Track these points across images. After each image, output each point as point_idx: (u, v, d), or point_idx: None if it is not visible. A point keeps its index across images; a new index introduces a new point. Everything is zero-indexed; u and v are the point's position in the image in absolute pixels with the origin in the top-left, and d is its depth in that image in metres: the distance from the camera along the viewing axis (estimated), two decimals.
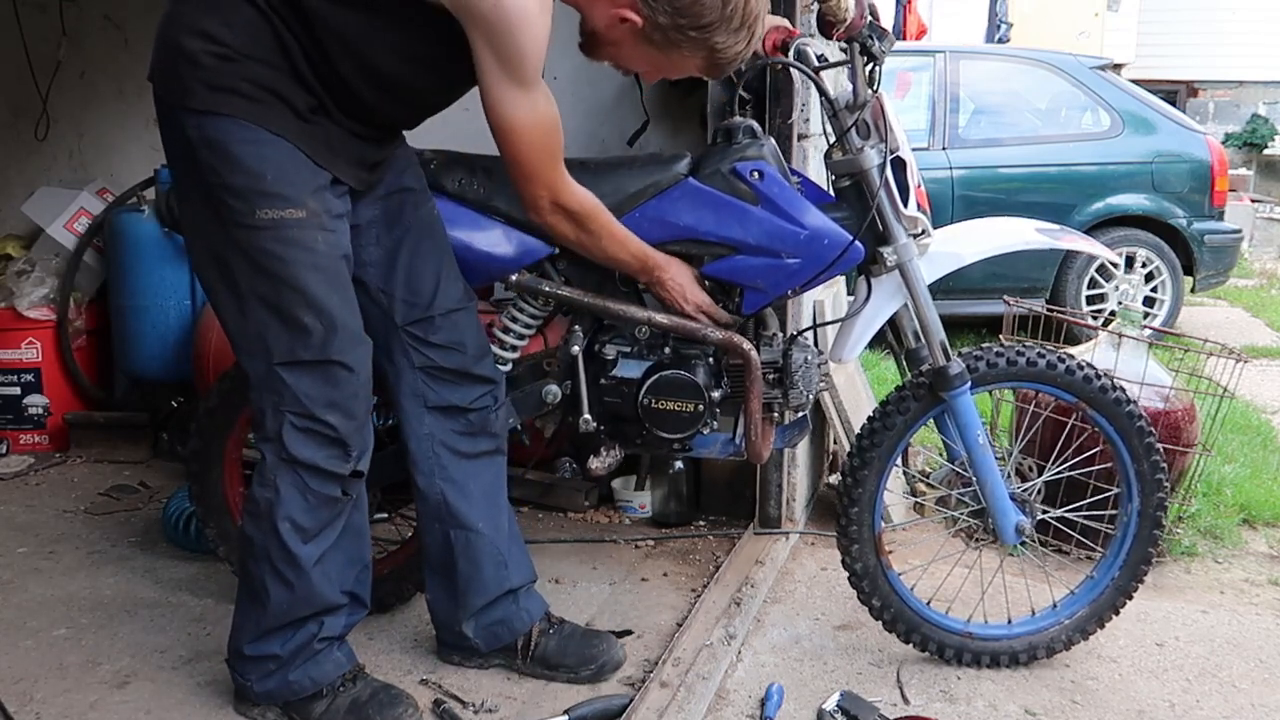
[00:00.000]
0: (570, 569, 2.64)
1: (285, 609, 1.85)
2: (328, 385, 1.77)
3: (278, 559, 1.82)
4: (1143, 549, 2.19)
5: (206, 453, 2.30)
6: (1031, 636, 2.21)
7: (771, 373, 2.14)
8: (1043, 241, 2.22)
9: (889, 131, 2.04)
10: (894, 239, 2.06)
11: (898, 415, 2.11)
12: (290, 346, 1.75)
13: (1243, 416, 4.11)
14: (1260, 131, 13.86)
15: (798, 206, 2.04)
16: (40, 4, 3.89)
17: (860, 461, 2.13)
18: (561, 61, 3.26)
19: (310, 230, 1.73)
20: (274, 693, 1.90)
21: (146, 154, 3.83)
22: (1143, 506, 2.17)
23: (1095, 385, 2.11)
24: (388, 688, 1.93)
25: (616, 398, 2.14)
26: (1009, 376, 2.13)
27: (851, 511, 2.13)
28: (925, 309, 2.08)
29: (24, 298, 3.52)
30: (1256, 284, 8.69)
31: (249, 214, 1.70)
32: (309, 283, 1.73)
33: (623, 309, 2.10)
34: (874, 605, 2.18)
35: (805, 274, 2.05)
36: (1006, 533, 2.13)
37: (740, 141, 2.07)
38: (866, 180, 2.04)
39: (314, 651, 1.88)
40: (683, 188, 2.05)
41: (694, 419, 2.10)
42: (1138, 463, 2.15)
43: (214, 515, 2.33)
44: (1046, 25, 10.89)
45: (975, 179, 5.84)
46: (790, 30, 2.07)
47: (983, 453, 2.09)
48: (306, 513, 1.81)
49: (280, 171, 1.70)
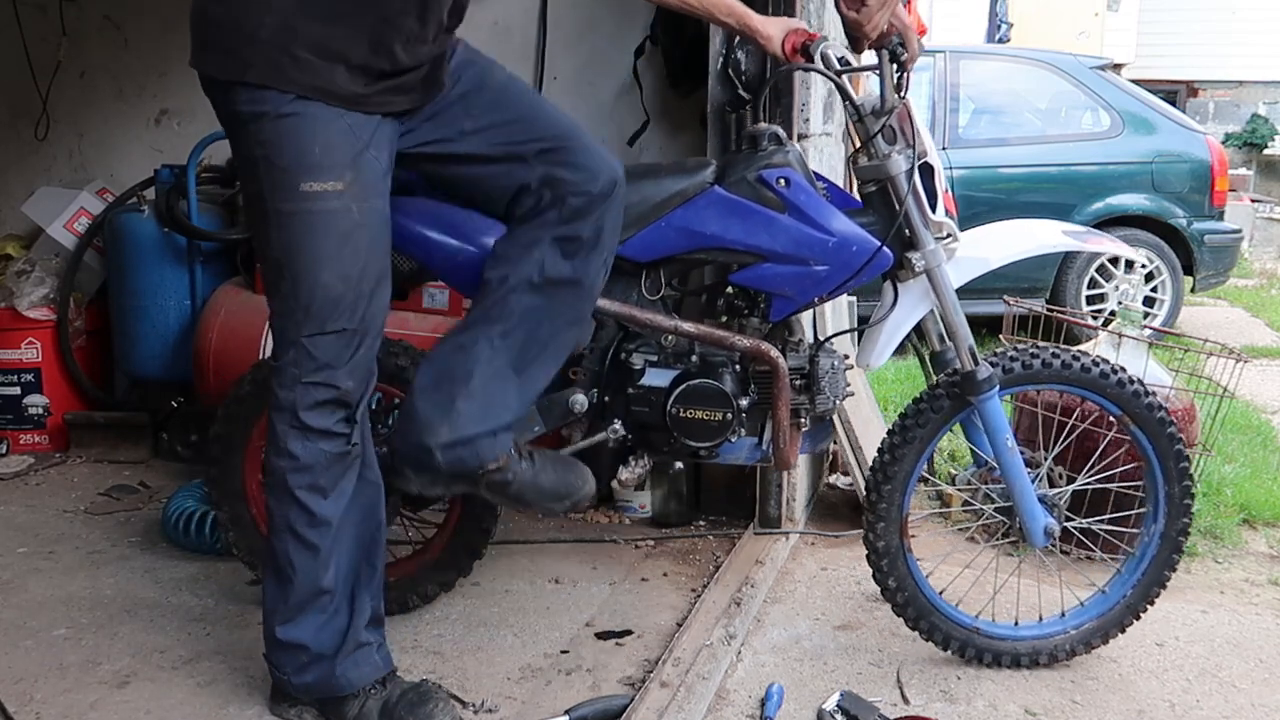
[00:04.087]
0: (570, 569, 2.64)
1: (310, 576, 1.85)
2: (350, 350, 1.81)
3: (298, 523, 1.84)
4: (1159, 571, 2.18)
5: (230, 438, 2.29)
6: (1036, 641, 2.20)
7: (798, 379, 2.13)
8: (1070, 244, 2.22)
9: (916, 137, 2.03)
10: (922, 245, 2.05)
11: (946, 400, 2.10)
12: (320, 317, 1.78)
13: (1243, 416, 4.10)
14: (1260, 131, 13.87)
15: (825, 213, 2.03)
16: (40, 4, 3.89)
17: (901, 439, 2.12)
18: (562, 61, 3.28)
19: (349, 201, 1.76)
20: (312, 686, 1.90)
21: (146, 154, 3.84)
22: (1166, 529, 2.16)
23: (1144, 402, 2.10)
24: (416, 686, 1.93)
25: (644, 406, 2.13)
26: (1046, 379, 2.11)
27: (884, 488, 2.13)
28: (953, 314, 2.07)
29: (24, 298, 3.52)
30: (1256, 284, 8.69)
31: (294, 187, 1.73)
32: (347, 255, 1.77)
33: (649, 317, 2.09)
34: (889, 586, 2.17)
35: (833, 281, 2.05)
36: (1035, 535, 2.12)
37: (765, 148, 2.06)
38: (894, 186, 2.03)
39: (353, 647, 1.89)
40: (709, 196, 2.05)
41: (722, 427, 2.10)
42: (1169, 485, 2.14)
43: (229, 500, 2.31)
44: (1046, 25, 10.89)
45: (975, 179, 5.84)
46: (810, 34, 2.04)
47: (1012, 456, 2.09)
48: (321, 472, 1.84)
49: (327, 143, 1.74)
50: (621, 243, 2.04)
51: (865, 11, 1.95)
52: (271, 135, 1.73)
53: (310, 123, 1.73)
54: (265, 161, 1.75)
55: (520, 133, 1.92)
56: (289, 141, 1.73)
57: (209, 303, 3.26)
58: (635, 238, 2.07)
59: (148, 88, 3.89)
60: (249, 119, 1.74)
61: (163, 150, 3.82)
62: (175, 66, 3.83)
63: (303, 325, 1.79)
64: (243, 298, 3.20)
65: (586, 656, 2.21)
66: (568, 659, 2.20)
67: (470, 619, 2.37)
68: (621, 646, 2.26)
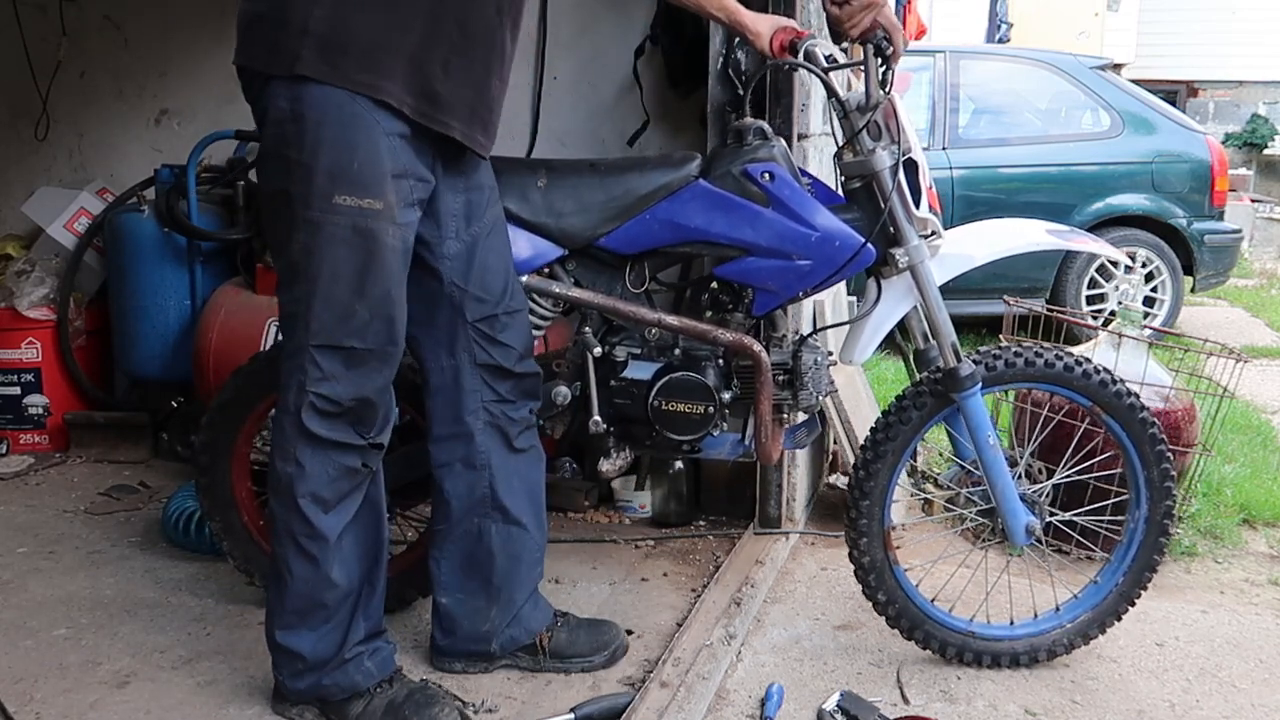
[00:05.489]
0: (570, 569, 2.64)
1: (309, 586, 1.85)
2: (359, 373, 1.79)
3: (299, 533, 1.83)
4: (1148, 556, 2.19)
5: (216, 446, 2.29)
6: (1033, 638, 2.21)
7: (781, 374, 2.13)
8: (1053, 243, 2.22)
9: (901, 133, 2.04)
10: (905, 241, 2.05)
11: (914, 411, 2.11)
12: (332, 330, 1.76)
13: (1243, 416, 4.11)
14: (1260, 131, 13.86)
15: (809, 208, 2.03)
16: (40, 4, 3.89)
17: (874, 455, 2.12)
18: (562, 62, 3.27)
19: (384, 223, 1.74)
20: (305, 692, 1.91)
21: (146, 154, 3.84)
22: (1150, 514, 2.17)
23: (1111, 390, 2.11)
24: (424, 687, 1.93)
25: (626, 399, 2.14)
26: (1023, 378, 2.12)
27: (862, 505, 2.13)
28: (936, 311, 2.07)
29: (24, 298, 3.52)
30: (1256, 284, 8.69)
31: (328, 197, 1.70)
32: (371, 275, 1.75)
33: (633, 310, 2.10)
34: (879, 600, 2.17)
35: (817, 276, 2.05)
36: (1017, 533, 2.13)
37: (751, 143, 2.06)
38: (879, 182, 2.03)
39: (344, 660, 1.89)
40: (693, 189, 2.05)
41: (704, 421, 2.10)
42: (1148, 470, 2.15)
43: (220, 509, 2.32)
44: (1046, 25, 10.89)
45: (975, 179, 5.84)
46: (798, 31, 2.05)
47: (993, 453, 2.09)
48: (327, 484, 1.82)
49: (368, 157, 1.71)
50: (606, 235, 2.06)
51: (848, 9, 1.97)
52: (311, 138, 1.69)
53: (353, 133, 1.69)
54: (299, 165, 1.71)
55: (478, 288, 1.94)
56: (327, 148, 1.69)
57: (209, 303, 3.26)
58: (619, 230, 2.07)
59: (148, 88, 3.89)
60: (289, 118, 1.70)
61: (163, 150, 3.82)
62: (175, 66, 3.83)
63: (314, 334, 1.76)
64: (243, 298, 3.20)
65: None
66: None
67: None
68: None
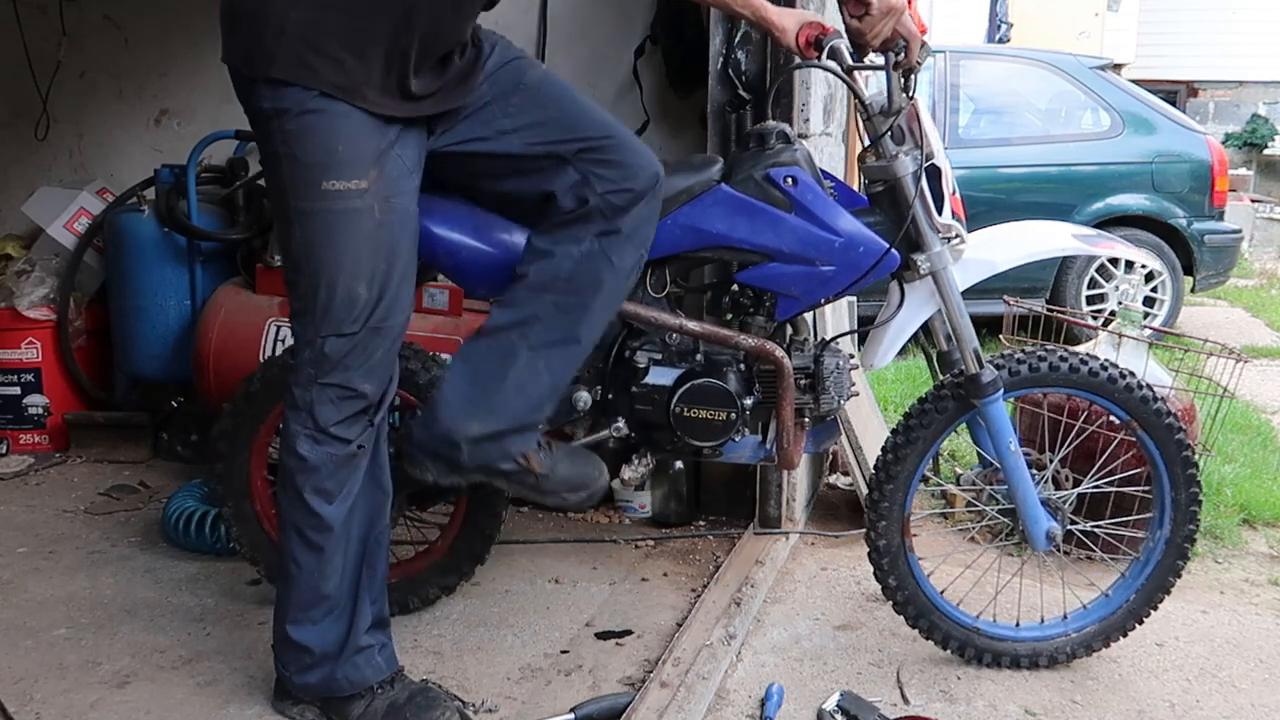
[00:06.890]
0: (570, 569, 2.64)
1: (315, 579, 1.86)
2: (367, 353, 1.80)
3: (305, 525, 1.84)
4: (1163, 577, 2.18)
5: (237, 435, 2.28)
6: (1036, 643, 2.20)
7: (803, 379, 2.12)
8: (1079, 248, 2.21)
9: (924, 138, 2.02)
10: (928, 247, 2.04)
11: (951, 400, 2.10)
12: (340, 318, 1.77)
13: (1243, 416, 4.10)
14: (1260, 131, 13.86)
15: (832, 213, 2.02)
16: (40, 4, 3.89)
17: (905, 439, 2.12)
18: (562, 61, 3.27)
19: (369, 200, 1.74)
20: (313, 687, 1.91)
21: (146, 154, 3.84)
22: (1172, 535, 2.16)
23: (1152, 406, 2.09)
24: (425, 690, 1.93)
25: (648, 405, 2.12)
26: (1063, 383, 2.10)
27: (886, 488, 2.12)
28: (958, 316, 2.07)
29: (24, 298, 3.52)
30: (1256, 284, 8.68)
31: (316, 185, 1.72)
32: (364, 254, 1.75)
33: (654, 315, 2.09)
34: (890, 585, 2.17)
35: (840, 281, 2.04)
36: (1037, 539, 2.12)
37: (773, 146, 2.04)
38: (901, 188, 2.02)
39: (354, 651, 1.89)
40: (715, 194, 2.03)
41: (726, 426, 2.09)
42: (1176, 491, 2.13)
43: (234, 496, 2.30)
44: (1046, 25, 10.88)
45: (976, 179, 5.83)
46: (824, 27, 1.98)
47: (1015, 459, 2.08)
48: (330, 476, 1.83)
49: (351, 142, 1.72)
50: None
51: (868, 20, 1.93)
52: (295, 132, 1.71)
53: (333, 119, 1.71)
54: (289, 159, 1.73)
55: (559, 132, 1.89)
56: (312, 138, 1.71)
57: (209, 303, 3.26)
58: None
59: (148, 88, 3.89)
60: (272, 115, 1.72)
61: (163, 150, 3.82)
62: (175, 66, 3.84)
63: (320, 325, 1.77)
64: (243, 298, 3.20)
65: (586, 656, 2.21)
66: (568, 659, 2.20)
67: (470, 619, 2.37)
68: (621, 646, 2.26)
